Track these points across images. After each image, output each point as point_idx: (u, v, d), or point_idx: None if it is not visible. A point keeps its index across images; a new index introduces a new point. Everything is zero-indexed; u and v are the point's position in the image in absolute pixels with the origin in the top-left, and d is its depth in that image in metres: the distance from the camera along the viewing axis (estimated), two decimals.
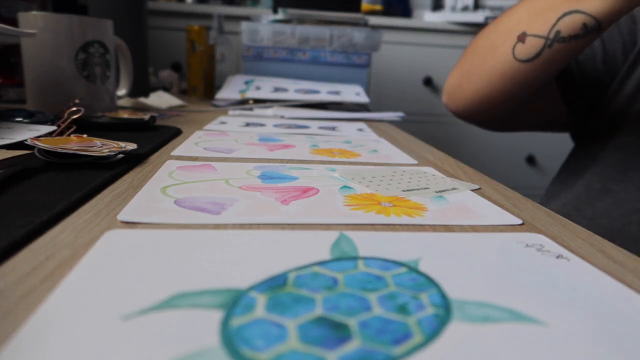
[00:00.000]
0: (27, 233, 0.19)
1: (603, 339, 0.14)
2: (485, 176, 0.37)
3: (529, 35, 0.47)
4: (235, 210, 0.24)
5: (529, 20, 0.47)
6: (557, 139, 0.74)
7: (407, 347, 0.13)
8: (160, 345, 0.13)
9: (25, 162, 0.30)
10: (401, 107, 1.41)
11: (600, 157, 0.52)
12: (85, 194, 0.25)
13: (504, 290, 0.17)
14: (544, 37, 0.46)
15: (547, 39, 0.46)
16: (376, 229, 0.23)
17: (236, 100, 0.76)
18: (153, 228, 0.21)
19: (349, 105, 0.78)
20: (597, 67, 0.54)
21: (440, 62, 1.46)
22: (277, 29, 0.85)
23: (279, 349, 0.13)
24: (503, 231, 0.24)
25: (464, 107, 0.58)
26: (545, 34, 0.46)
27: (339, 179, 0.32)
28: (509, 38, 0.49)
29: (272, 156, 0.39)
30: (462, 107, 0.58)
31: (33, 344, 0.12)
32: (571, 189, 0.54)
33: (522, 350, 0.13)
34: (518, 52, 0.48)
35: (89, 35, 0.55)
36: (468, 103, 0.57)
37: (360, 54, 0.88)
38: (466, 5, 1.44)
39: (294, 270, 0.18)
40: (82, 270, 0.17)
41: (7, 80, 0.69)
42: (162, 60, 1.29)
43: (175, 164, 0.34)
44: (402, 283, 0.17)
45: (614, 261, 0.21)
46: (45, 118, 0.43)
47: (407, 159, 0.41)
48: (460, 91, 0.57)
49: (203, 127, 0.54)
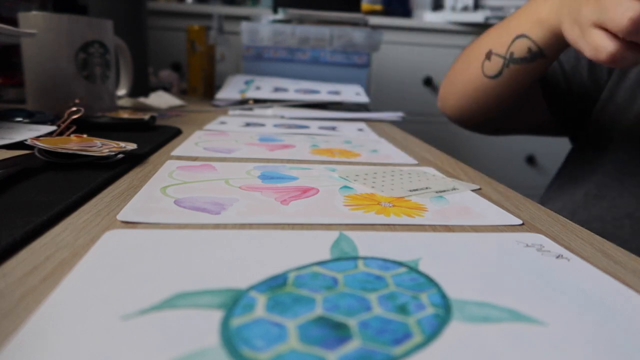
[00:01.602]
0: (27, 233, 0.19)
1: (603, 339, 0.14)
2: (485, 176, 0.37)
3: (494, 53, 0.50)
4: (235, 210, 0.24)
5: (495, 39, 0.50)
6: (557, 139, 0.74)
7: (407, 347, 0.13)
8: (160, 345, 0.13)
9: (25, 162, 0.30)
10: (401, 107, 1.41)
11: (597, 165, 0.52)
12: (85, 194, 0.25)
13: (504, 290, 0.17)
14: (503, 56, 0.49)
15: (505, 59, 0.49)
16: (376, 229, 0.23)
17: (236, 100, 0.76)
18: (153, 228, 0.21)
19: (349, 105, 0.78)
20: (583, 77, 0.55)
21: (440, 62, 1.46)
22: (277, 29, 0.85)
23: (279, 349, 0.13)
24: (503, 231, 0.24)
25: (451, 113, 0.62)
26: (504, 54, 0.49)
27: (339, 179, 0.32)
28: (480, 55, 0.52)
29: (272, 156, 0.39)
30: (450, 112, 0.62)
31: (33, 344, 0.12)
32: (568, 196, 0.55)
33: (522, 350, 0.13)
34: (486, 68, 0.51)
35: (89, 35, 0.54)
36: (453, 109, 0.61)
37: (360, 54, 0.88)
38: (466, 5, 1.44)
39: (294, 270, 0.18)
40: (82, 270, 0.17)
41: (7, 80, 0.69)
42: (162, 60, 1.29)
43: (175, 164, 0.34)
44: (402, 283, 0.17)
45: (614, 261, 0.21)
46: (45, 118, 0.43)
47: (407, 159, 0.41)
48: (447, 98, 0.61)
49: (203, 127, 0.54)
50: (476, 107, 0.56)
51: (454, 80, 0.58)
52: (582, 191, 0.53)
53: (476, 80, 0.53)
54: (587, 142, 0.56)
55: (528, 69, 0.48)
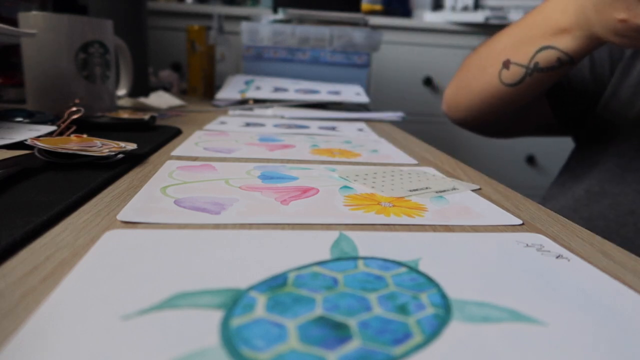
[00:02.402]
0: (27, 233, 0.19)
1: (603, 339, 0.14)
2: (485, 176, 0.37)
3: (512, 63, 0.50)
4: (235, 210, 0.24)
5: (512, 49, 0.50)
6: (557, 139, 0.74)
7: (407, 347, 0.13)
8: (160, 345, 0.13)
9: (25, 162, 0.30)
10: (401, 107, 1.41)
11: (599, 162, 0.53)
12: (85, 194, 0.25)
13: (504, 290, 0.17)
14: (525, 66, 0.49)
15: (527, 68, 0.49)
16: (376, 229, 0.23)
17: (236, 100, 0.76)
18: (153, 228, 0.21)
19: (349, 105, 0.78)
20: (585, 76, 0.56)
21: (440, 62, 1.46)
22: (277, 29, 0.85)
23: (279, 349, 0.13)
24: (503, 231, 0.24)
25: (459, 117, 0.62)
26: (526, 64, 0.49)
27: (339, 179, 0.32)
28: (496, 62, 0.52)
29: (272, 156, 0.39)
30: (458, 116, 0.62)
31: (33, 344, 0.12)
32: (570, 192, 0.55)
33: (522, 350, 0.13)
34: (504, 76, 0.51)
35: (89, 35, 0.54)
36: (463, 113, 0.61)
37: (360, 54, 0.88)
38: (466, 5, 1.44)
39: (294, 270, 0.18)
40: (82, 270, 0.17)
41: (7, 80, 0.69)
42: (162, 60, 1.29)
43: (175, 164, 0.34)
44: (402, 283, 0.17)
45: (614, 261, 0.21)
46: (45, 118, 0.43)
47: (407, 159, 0.41)
48: (457, 102, 0.61)
49: (203, 127, 0.54)
50: (489, 112, 0.56)
51: (465, 86, 0.58)
52: (583, 187, 0.53)
53: (492, 88, 0.53)
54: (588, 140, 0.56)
55: (553, 75, 0.48)
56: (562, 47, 0.45)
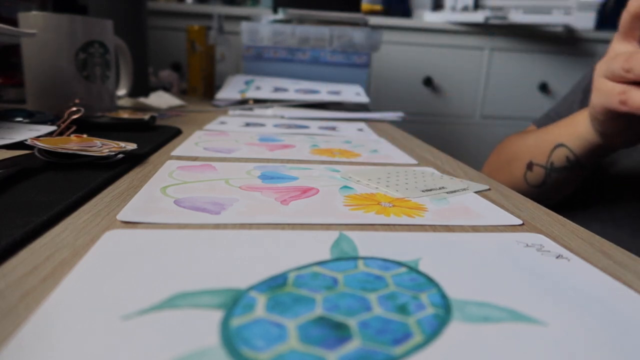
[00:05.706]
0: (27, 233, 0.19)
1: (603, 339, 0.14)
2: (485, 176, 0.37)
3: (535, 164, 0.51)
4: (235, 210, 0.24)
5: (535, 149, 0.51)
6: None
7: (407, 347, 0.13)
8: (160, 345, 0.13)
9: (25, 162, 0.30)
10: (401, 107, 1.41)
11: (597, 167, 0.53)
12: (85, 194, 0.25)
13: (504, 290, 0.17)
14: (544, 167, 0.49)
15: (546, 169, 0.49)
16: (376, 229, 0.23)
17: (236, 100, 0.76)
18: (153, 228, 0.21)
19: (349, 105, 0.78)
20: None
21: (440, 62, 1.46)
22: (277, 29, 0.85)
23: (279, 349, 0.13)
24: (503, 231, 0.24)
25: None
26: (545, 164, 0.49)
27: (340, 179, 0.32)
28: (522, 164, 0.53)
29: (272, 156, 0.39)
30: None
31: (33, 344, 0.12)
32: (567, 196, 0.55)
33: (522, 350, 0.13)
34: (529, 178, 0.52)
35: (89, 35, 0.54)
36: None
37: (360, 54, 0.88)
38: (466, 5, 1.44)
39: (294, 270, 0.18)
40: (82, 270, 0.17)
41: (7, 80, 0.69)
42: (162, 60, 1.29)
43: (175, 164, 0.34)
44: (402, 283, 0.17)
45: (614, 261, 0.21)
46: (45, 118, 0.43)
47: (407, 159, 0.41)
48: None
49: (203, 127, 0.54)
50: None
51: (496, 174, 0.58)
52: (580, 191, 0.53)
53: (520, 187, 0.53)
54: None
55: (569, 178, 0.48)
56: (569, 144, 0.46)
